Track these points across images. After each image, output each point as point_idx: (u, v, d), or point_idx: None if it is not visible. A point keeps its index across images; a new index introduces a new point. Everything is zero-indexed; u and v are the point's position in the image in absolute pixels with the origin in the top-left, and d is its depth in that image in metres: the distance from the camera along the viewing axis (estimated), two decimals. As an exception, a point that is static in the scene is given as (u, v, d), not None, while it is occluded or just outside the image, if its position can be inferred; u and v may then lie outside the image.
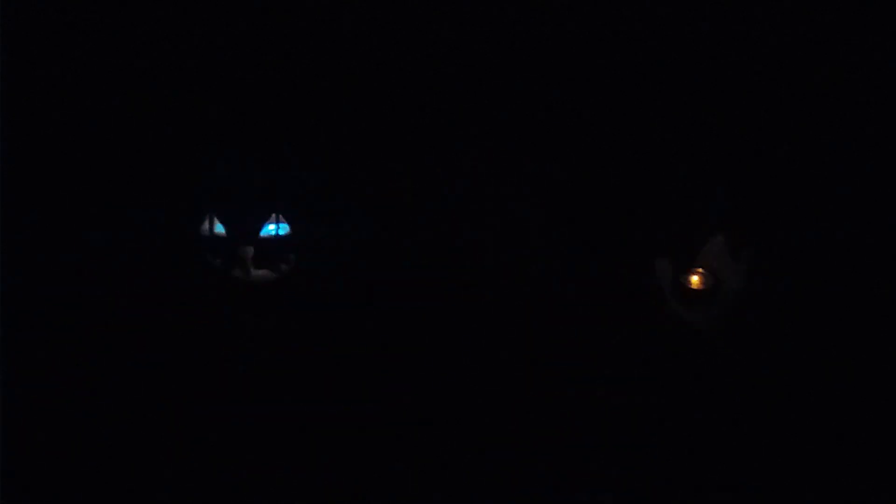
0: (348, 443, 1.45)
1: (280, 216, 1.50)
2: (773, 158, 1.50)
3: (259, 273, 1.51)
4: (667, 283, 1.51)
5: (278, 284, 1.52)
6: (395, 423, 1.47)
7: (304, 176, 1.54)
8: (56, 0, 1.50)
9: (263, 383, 1.48)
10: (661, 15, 1.52)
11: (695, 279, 1.51)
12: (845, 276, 1.48)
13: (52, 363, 1.48)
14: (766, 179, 1.50)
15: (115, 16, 1.51)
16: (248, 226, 1.49)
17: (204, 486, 1.41)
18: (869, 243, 1.48)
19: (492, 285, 1.56)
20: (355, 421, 1.46)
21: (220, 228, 1.50)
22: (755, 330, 1.49)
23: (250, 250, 1.49)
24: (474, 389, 1.50)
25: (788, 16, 1.50)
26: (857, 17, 1.48)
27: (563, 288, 1.55)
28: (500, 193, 1.56)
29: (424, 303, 1.54)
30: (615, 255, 1.53)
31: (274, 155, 1.53)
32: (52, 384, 1.47)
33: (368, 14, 1.53)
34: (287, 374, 1.49)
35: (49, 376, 1.47)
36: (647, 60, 1.52)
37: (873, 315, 1.48)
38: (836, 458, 1.41)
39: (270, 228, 1.50)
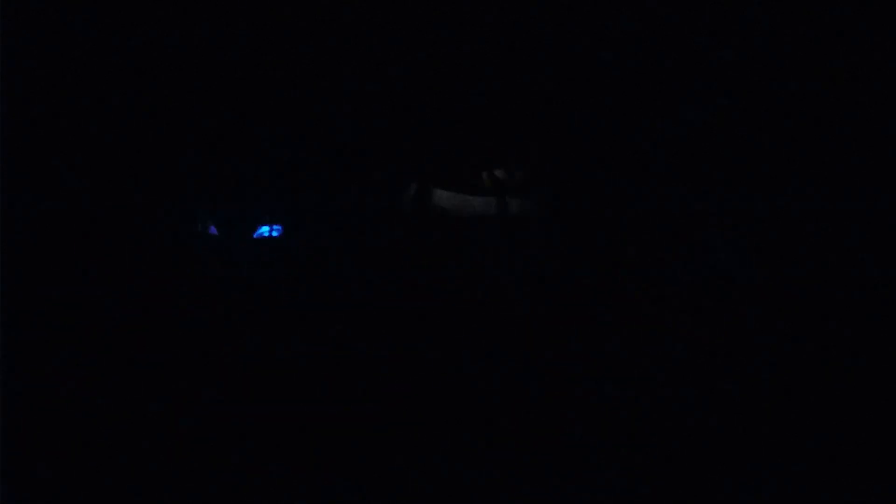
0: (344, 442, 1.45)
1: (274, 218, 1.50)
2: (770, 158, 1.49)
3: (252, 274, 1.51)
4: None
5: (271, 285, 1.53)
6: (391, 422, 1.47)
7: (299, 178, 1.54)
8: (55, 0, 1.50)
9: (258, 382, 1.49)
10: (662, 14, 1.50)
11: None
12: (843, 277, 1.47)
13: (46, 363, 1.49)
14: (761, 181, 1.49)
15: (113, 18, 1.51)
16: (242, 227, 1.49)
17: (201, 484, 1.42)
18: (867, 243, 1.47)
19: (490, 284, 1.56)
20: (351, 420, 1.47)
21: (213, 230, 1.51)
22: (753, 328, 1.48)
23: (244, 251, 1.49)
24: (471, 389, 1.49)
25: (788, 14, 1.47)
26: (857, 17, 1.45)
27: (560, 288, 1.55)
28: (498, 195, 1.56)
29: (420, 303, 1.54)
30: (613, 255, 1.53)
31: (268, 157, 1.53)
32: (47, 384, 1.48)
33: (364, 17, 1.52)
34: (281, 374, 1.49)
35: (44, 376, 1.48)
36: (645, 60, 1.51)
37: (874, 313, 1.47)
38: (835, 458, 1.40)
39: (264, 230, 1.50)
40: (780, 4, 1.48)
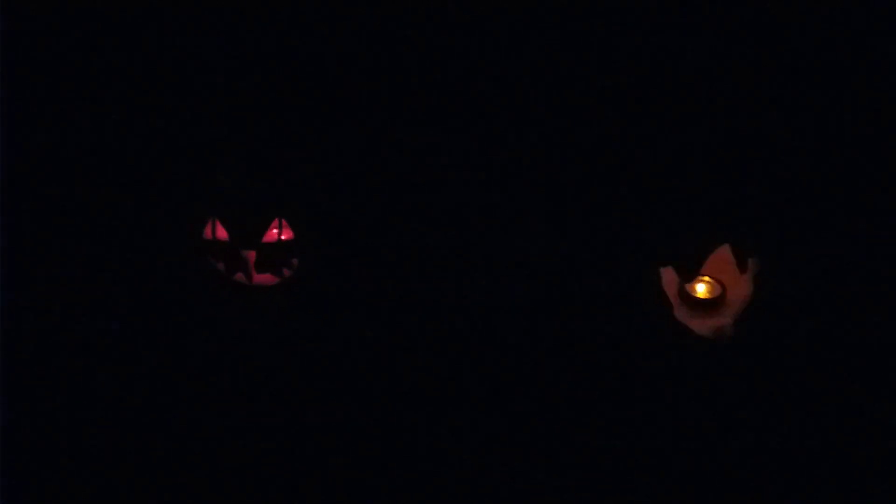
0: (349, 445, 1.45)
1: (283, 221, 1.50)
2: (779, 167, 1.49)
3: (261, 277, 1.51)
4: (673, 291, 1.49)
5: (280, 289, 1.52)
6: (396, 426, 1.46)
7: (308, 181, 1.54)
8: (59, 2, 1.51)
9: (265, 386, 1.48)
10: (671, 20, 1.50)
11: (701, 288, 1.49)
12: (851, 283, 1.46)
13: (55, 365, 1.49)
14: (772, 189, 1.49)
15: (120, 19, 1.51)
16: (251, 230, 1.49)
17: (204, 487, 1.42)
18: (875, 251, 1.46)
19: (497, 291, 1.55)
20: (356, 424, 1.46)
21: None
22: (761, 338, 1.47)
23: (252, 255, 1.49)
24: (477, 394, 1.49)
25: (799, 21, 1.47)
26: (861, 21, 1.45)
27: (570, 296, 1.54)
28: (506, 201, 1.56)
29: (426, 307, 1.54)
30: (622, 263, 1.52)
31: (277, 160, 1.53)
32: (54, 386, 1.48)
33: (373, 19, 1.52)
34: (288, 378, 1.49)
35: (52, 378, 1.48)
36: (655, 69, 1.51)
37: (880, 322, 1.46)
38: (840, 465, 1.39)
39: (273, 233, 1.50)
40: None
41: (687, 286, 1.49)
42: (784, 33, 1.47)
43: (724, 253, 1.46)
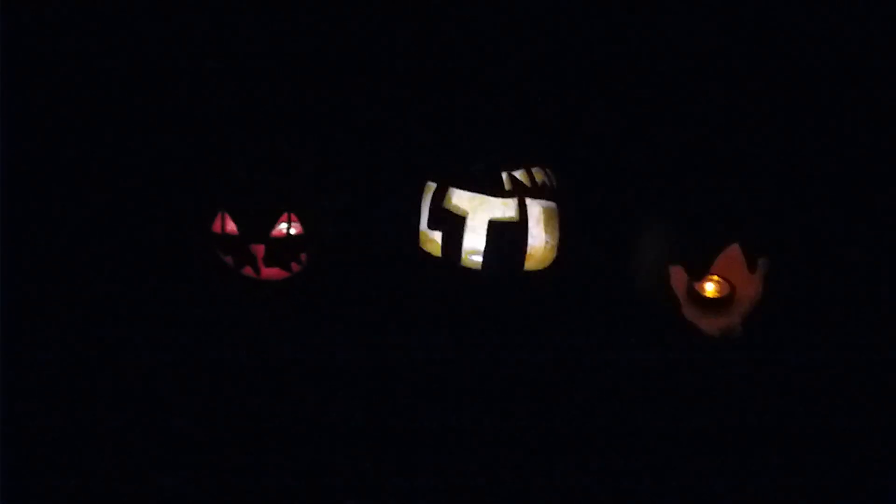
0: (357, 442, 1.43)
1: (292, 215, 1.48)
2: (789, 168, 1.51)
3: (270, 272, 1.50)
4: (682, 290, 1.50)
5: (289, 283, 1.50)
6: (403, 423, 1.45)
7: (317, 176, 1.53)
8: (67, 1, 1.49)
9: (273, 382, 1.46)
10: (682, 18, 1.52)
11: (710, 287, 1.51)
12: (860, 284, 1.49)
13: (57, 364, 1.47)
14: (782, 189, 1.51)
15: (129, 17, 1.51)
16: (260, 224, 1.47)
17: (208, 487, 1.39)
18: (885, 252, 1.49)
19: (504, 288, 1.55)
20: (364, 421, 1.45)
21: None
22: (770, 338, 1.48)
23: (261, 249, 1.47)
24: (484, 393, 1.48)
25: (806, 25, 1.50)
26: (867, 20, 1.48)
27: (576, 295, 1.55)
28: (511, 200, 1.56)
29: (434, 303, 1.54)
30: (630, 262, 1.53)
31: (287, 154, 1.52)
32: (56, 385, 1.45)
33: (384, 15, 1.53)
34: (296, 373, 1.47)
35: (58, 375, 1.46)
36: (667, 67, 1.52)
37: (889, 323, 1.48)
38: (848, 467, 1.41)
39: (282, 227, 1.48)
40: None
41: (696, 285, 1.50)
42: (793, 33, 1.50)
43: (733, 252, 1.47)
